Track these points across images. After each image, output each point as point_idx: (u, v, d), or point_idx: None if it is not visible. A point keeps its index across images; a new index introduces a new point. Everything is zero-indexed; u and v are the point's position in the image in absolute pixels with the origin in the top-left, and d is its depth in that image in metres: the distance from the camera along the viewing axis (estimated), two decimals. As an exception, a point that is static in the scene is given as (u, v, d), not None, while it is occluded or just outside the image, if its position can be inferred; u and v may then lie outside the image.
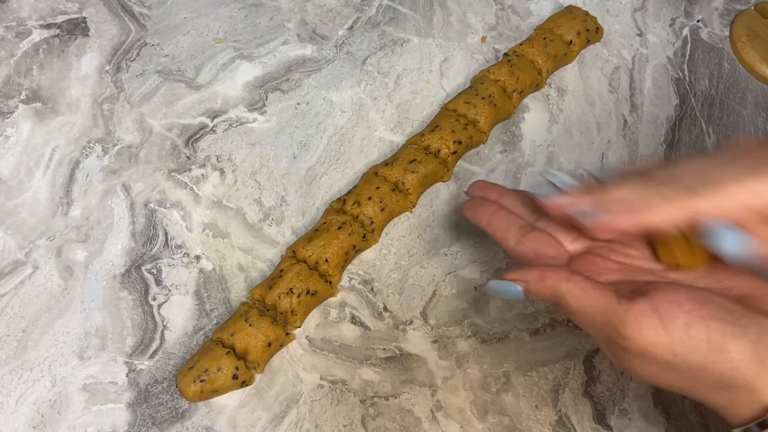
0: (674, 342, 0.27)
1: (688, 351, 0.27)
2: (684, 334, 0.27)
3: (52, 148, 0.47)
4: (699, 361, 0.27)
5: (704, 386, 0.28)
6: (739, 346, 0.27)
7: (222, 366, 0.37)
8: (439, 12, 0.57)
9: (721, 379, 0.27)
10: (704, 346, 0.27)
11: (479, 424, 0.39)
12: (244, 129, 0.49)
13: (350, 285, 0.43)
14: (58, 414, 0.38)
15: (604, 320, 0.29)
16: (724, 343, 0.27)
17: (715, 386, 0.28)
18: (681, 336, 0.27)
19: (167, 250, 0.44)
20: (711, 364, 0.27)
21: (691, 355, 0.27)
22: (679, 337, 0.27)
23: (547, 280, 0.31)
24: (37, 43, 0.52)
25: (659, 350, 0.27)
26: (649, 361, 0.28)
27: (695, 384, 0.28)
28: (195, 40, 0.53)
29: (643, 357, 0.28)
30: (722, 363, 0.27)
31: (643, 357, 0.28)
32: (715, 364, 0.27)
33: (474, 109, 0.48)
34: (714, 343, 0.27)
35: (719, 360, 0.27)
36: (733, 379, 0.27)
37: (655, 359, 0.28)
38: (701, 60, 0.56)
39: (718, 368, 0.27)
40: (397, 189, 0.45)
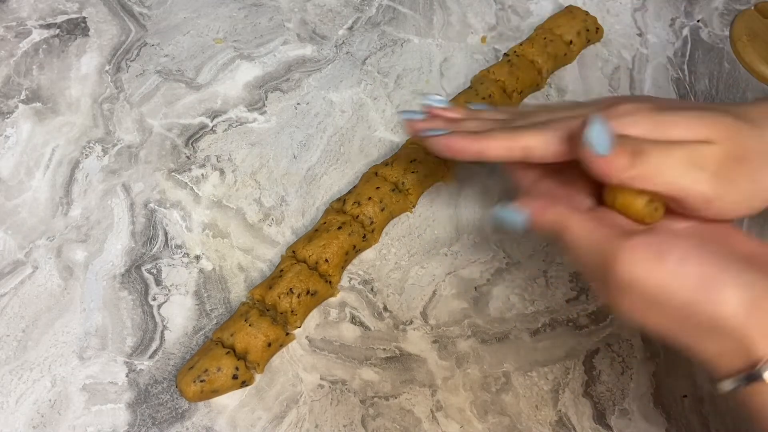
0: (666, 274, 0.26)
1: (679, 286, 0.26)
2: (677, 267, 0.26)
3: (52, 148, 0.47)
4: (688, 298, 0.26)
5: (690, 329, 0.27)
6: (732, 287, 0.26)
7: (222, 366, 0.37)
8: (439, 12, 0.57)
9: (708, 321, 0.26)
10: (695, 282, 0.26)
11: (479, 424, 0.39)
12: (244, 129, 0.49)
13: (350, 285, 0.43)
14: (58, 414, 0.38)
15: (600, 250, 0.28)
16: (716, 282, 0.26)
17: (701, 330, 0.27)
18: (674, 269, 0.26)
19: (167, 250, 0.44)
20: (700, 303, 0.26)
21: (681, 291, 0.26)
22: (672, 269, 0.26)
23: (552, 209, 0.31)
24: (37, 43, 0.52)
25: (650, 283, 0.27)
26: (638, 296, 0.27)
27: (681, 326, 0.27)
28: (195, 40, 0.53)
29: (633, 290, 0.27)
30: (711, 303, 0.26)
31: (633, 290, 0.27)
32: (705, 303, 0.26)
33: (474, 109, 0.48)
34: (706, 280, 0.26)
35: (709, 299, 0.26)
36: (720, 323, 0.26)
37: (644, 294, 0.27)
38: (701, 60, 0.56)
39: (707, 309, 0.26)
40: (397, 189, 0.45)
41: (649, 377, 0.41)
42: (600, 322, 0.43)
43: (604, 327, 0.43)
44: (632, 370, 0.41)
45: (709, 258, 0.27)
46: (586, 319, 0.43)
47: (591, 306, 0.43)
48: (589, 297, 0.44)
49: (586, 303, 0.43)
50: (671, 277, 0.26)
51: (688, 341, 0.28)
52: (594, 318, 0.43)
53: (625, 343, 0.42)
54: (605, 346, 0.42)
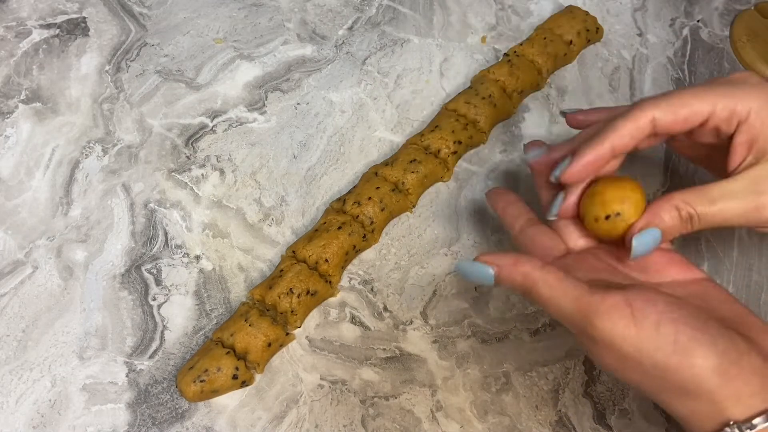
0: (642, 338, 0.27)
1: (654, 349, 0.27)
2: (653, 332, 0.27)
3: (52, 148, 0.47)
4: (663, 361, 0.27)
5: (666, 390, 0.28)
6: (705, 353, 0.26)
7: (222, 366, 0.37)
8: (439, 12, 0.57)
9: (683, 384, 0.27)
10: (670, 347, 0.27)
11: (479, 424, 0.39)
12: (244, 129, 0.49)
13: (350, 285, 0.43)
14: (58, 414, 0.38)
15: (576, 309, 0.29)
16: (691, 347, 0.27)
17: (677, 392, 0.27)
18: (649, 333, 0.27)
19: (167, 250, 0.44)
20: (675, 366, 0.27)
21: (657, 353, 0.27)
22: (647, 333, 0.27)
23: (520, 267, 0.31)
24: (37, 43, 0.52)
25: (627, 344, 0.27)
26: (616, 355, 0.28)
27: (658, 386, 0.28)
28: (195, 40, 0.53)
29: (611, 350, 0.28)
30: (686, 368, 0.27)
31: (611, 350, 0.28)
32: (679, 367, 0.27)
33: (474, 109, 0.48)
34: (680, 345, 0.27)
35: (683, 364, 0.27)
36: (694, 387, 0.27)
37: (621, 353, 0.28)
38: (701, 60, 0.56)
39: (682, 373, 0.27)
40: (397, 189, 0.45)
41: (649, 377, 0.41)
42: (600, 322, 0.43)
43: (604, 327, 0.43)
44: (632, 370, 0.41)
45: (683, 322, 0.27)
46: (586, 319, 0.43)
47: (591, 306, 0.43)
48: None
49: (586, 303, 0.43)
50: (647, 340, 0.27)
51: (663, 399, 0.29)
52: (594, 318, 0.43)
53: (625, 343, 0.42)
54: (605, 346, 0.42)
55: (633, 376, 0.29)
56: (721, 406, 0.26)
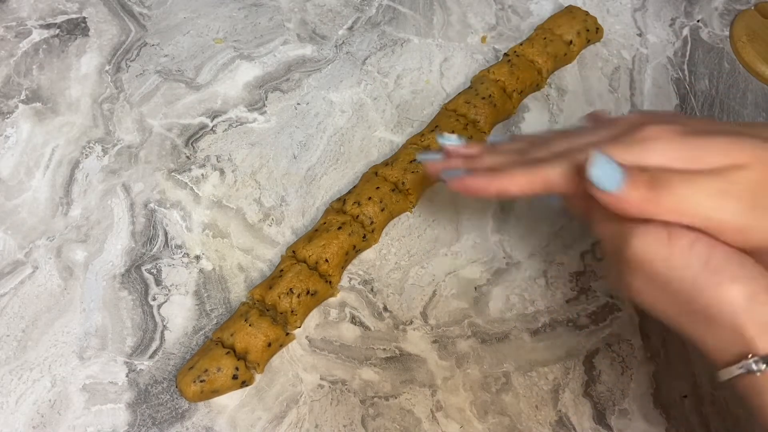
0: (674, 255, 0.27)
1: (684, 267, 0.27)
2: (686, 249, 0.27)
3: (52, 148, 0.47)
4: (692, 280, 0.27)
5: (691, 314, 0.28)
6: (734, 277, 0.26)
7: (222, 366, 0.37)
8: (439, 12, 0.57)
9: (708, 307, 0.27)
10: (701, 266, 0.27)
11: (479, 424, 0.39)
12: (244, 129, 0.49)
13: (350, 285, 0.43)
14: (58, 414, 0.38)
15: (617, 231, 0.29)
16: (720, 268, 0.26)
17: (703, 316, 0.27)
18: (682, 251, 0.27)
19: (167, 250, 0.44)
20: (703, 285, 0.26)
21: (686, 271, 0.27)
22: (680, 250, 0.27)
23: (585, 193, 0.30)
24: (37, 43, 0.52)
25: (658, 263, 0.27)
26: (647, 276, 0.28)
27: (683, 310, 0.28)
28: (195, 40, 0.53)
29: (641, 270, 0.28)
30: (713, 289, 0.26)
31: (641, 270, 0.28)
32: (706, 288, 0.26)
33: (474, 109, 0.48)
34: (711, 265, 0.26)
35: (711, 284, 0.26)
36: (718, 310, 0.26)
37: (651, 273, 0.28)
38: (701, 60, 0.56)
39: (709, 293, 0.26)
40: (397, 189, 0.45)
41: (649, 377, 0.41)
42: (600, 322, 0.43)
43: (604, 327, 0.43)
44: (632, 370, 0.41)
45: (717, 247, 0.27)
46: (586, 319, 0.43)
47: (591, 306, 0.43)
48: (589, 297, 0.44)
49: (586, 303, 0.43)
50: (679, 257, 0.27)
51: (688, 328, 0.28)
52: (594, 318, 0.43)
53: (625, 343, 0.42)
54: (605, 346, 0.42)
55: (659, 300, 0.28)
56: (744, 334, 0.26)
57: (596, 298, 0.44)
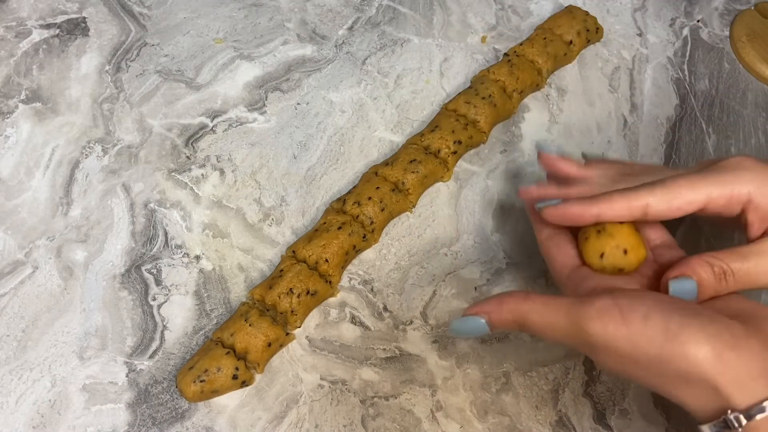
0: (633, 333, 0.27)
1: (647, 342, 0.27)
2: (642, 325, 0.27)
3: (52, 148, 0.47)
4: (657, 352, 0.27)
5: (666, 380, 0.28)
6: (697, 339, 0.26)
7: (222, 366, 0.37)
8: (439, 12, 0.57)
9: (679, 373, 0.27)
10: (662, 337, 0.27)
11: (479, 424, 0.39)
12: (244, 129, 0.49)
13: (350, 285, 0.43)
14: (58, 414, 0.38)
15: (569, 323, 0.29)
16: (682, 334, 0.27)
17: (677, 381, 0.28)
18: (639, 327, 0.27)
19: (167, 250, 0.44)
20: (669, 356, 0.27)
21: (650, 346, 0.27)
22: (637, 328, 0.27)
23: (507, 305, 0.31)
24: (37, 43, 0.52)
25: (620, 343, 0.28)
26: (614, 355, 0.29)
27: (657, 378, 0.28)
28: (195, 40, 0.53)
29: (608, 351, 0.29)
30: (680, 356, 0.27)
31: (608, 351, 0.29)
32: (674, 356, 0.27)
33: (474, 109, 0.48)
34: (671, 333, 0.27)
35: (676, 352, 0.27)
36: (691, 374, 0.27)
37: (617, 352, 0.28)
38: (701, 60, 0.56)
39: (677, 362, 0.27)
40: (397, 189, 0.45)
41: (649, 377, 0.41)
42: (600, 322, 0.43)
43: (604, 327, 0.43)
44: (632, 370, 0.41)
45: (672, 313, 0.27)
46: (586, 319, 0.43)
47: (591, 306, 0.43)
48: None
49: (586, 303, 0.43)
50: (638, 335, 0.27)
51: (665, 391, 0.29)
52: (594, 318, 0.43)
53: (625, 343, 0.42)
54: (605, 346, 0.42)
55: (634, 373, 0.29)
56: (722, 392, 0.26)
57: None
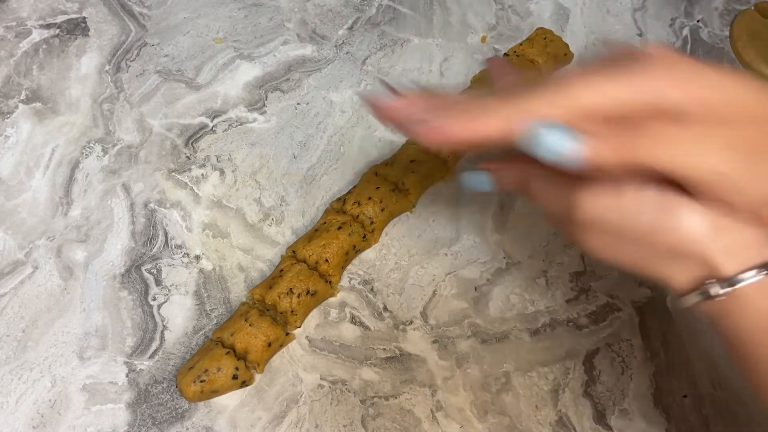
0: (626, 204, 0.26)
1: (638, 213, 0.26)
2: (636, 196, 0.26)
3: (52, 148, 0.47)
4: (650, 224, 0.26)
5: (654, 255, 0.27)
6: (692, 206, 0.25)
7: (222, 366, 0.37)
8: (439, 12, 0.57)
9: (671, 246, 0.26)
10: (655, 208, 0.26)
11: (479, 424, 0.39)
12: (244, 129, 0.49)
13: (350, 285, 0.43)
14: (58, 414, 0.38)
15: (564, 194, 0.28)
16: (676, 206, 0.25)
17: (666, 257, 0.27)
18: (633, 198, 0.26)
19: (167, 250, 0.44)
20: (661, 228, 0.26)
21: (642, 217, 0.26)
22: (631, 199, 0.26)
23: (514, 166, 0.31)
24: (37, 43, 0.52)
25: (611, 216, 0.27)
26: (602, 232, 0.27)
27: (645, 255, 0.27)
28: (195, 40, 0.53)
29: (596, 227, 0.27)
30: (673, 228, 0.26)
31: (596, 227, 0.27)
32: (666, 228, 0.26)
33: (474, 109, 0.48)
34: (665, 205, 0.26)
35: (670, 223, 0.26)
36: (683, 246, 0.26)
37: (607, 228, 0.27)
38: (701, 60, 0.56)
39: (669, 234, 0.26)
40: (397, 189, 0.45)
41: (649, 377, 0.41)
42: (600, 322, 0.43)
43: (604, 327, 0.43)
44: (632, 370, 0.41)
45: (666, 184, 0.26)
46: (586, 319, 0.43)
47: (591, 306, 0.43)
48: (589, 297, 0.44)
49: (586, 303, 0.43)
50: (631, 206, 0.26)
51: (656, 269, 0.28)
52: (594, 318, 0.43)
53: (625, 343, 0.42)
54: (605, 346, 0.42)
55: (621, 252, 0.28)
56: (713, 263, 0.25)
57: (596, 298, 0.43)
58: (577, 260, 0.45)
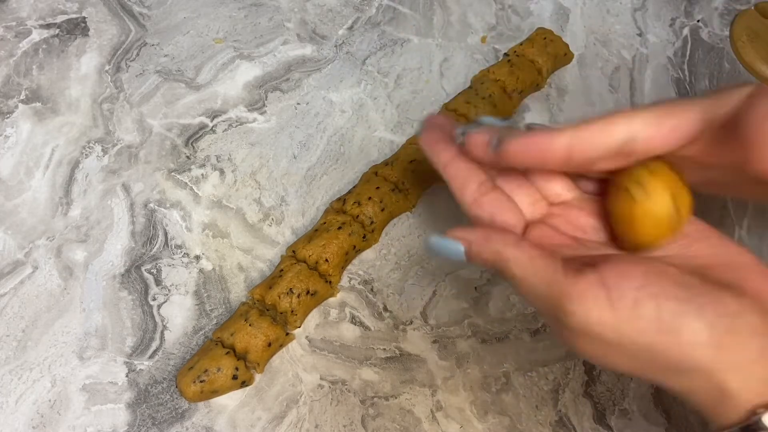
0: (621, 321, 0.24)
1: (637, 332, 0.24)
2: (632, 313, 0.24)
3: (51, 148, 0.47)
4: (648, 343, 0.24)
5: (656, 370, 0.26)
6: (694, 328, 0.24)
7: (222, 366, 0.37)
8: (439, 12, 0.57)
9: (673, 363, 0.25)
10: (654, 327, 0.24)
11: (479, 424, 0.39)
12: (244, 129, 0.49)
13: (350, 285, 0.43)
14: (58, 414, 0.38)
15: (548, 293, 0.26)
16: (677, 324, 0.24)
17: (668, 370, 0.25)
18: (628, 315, 0.24)
19: (167, 250, 0.44)
20: (662, 346, 0.24)
21: (640, 337, 0.24)
22: (626, 316, 0.24)
23: (493, 243, 0.28)
24: (37, 43, 0.52)
25: (605, 330, 0.25)
26: (595, 341, 0.25)
27: (646, 367, 0.26)
28: (195, 40, 0.53)
29: (588, 336, 0.25)
30: (675, 346, 0.24)
31: (588, 336, 0.25)
32: (667, 347, 0.24)
33: (474, 109, 0.48)
34: (665, 324, 0.24)
35: (670, 342, 0.24)
36: (686, 364, 0.24)
37: (600, 339, 0.25)
38: (701, 60, 0.56)
39: (670, 352, 0.24)
40: (397, 189, 0.45)
41: (649, 377, 0.41)
42: (600, 322, 0.43)
43: (604, 327, 0.43)
44: (632, 370, 0.41)
45: (665, 296, 0.24)
46: (586, 319, 0.43)
47: (591, 306, 0.43)
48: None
49: (586, 303, 0.43)
50: (627, 323, 0.24)
51: (655, 380, 0.26)
52: (594, 318, 0.43)
53: (625, 343, 0.42)
54: (605, 346, 0.42)
55: (618, 362, 0.26)
56: (717, 378, 0.24)
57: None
58: (577, 260, 0.45)
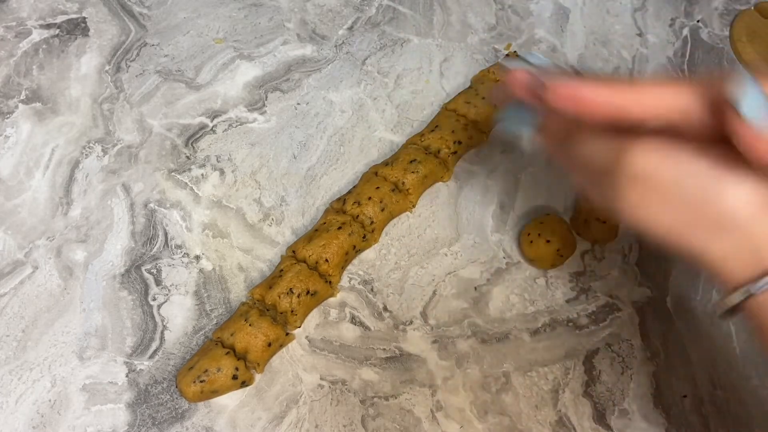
0: (679, 167, 0.26)
1: (692, 178, 0.26)
2: (690, 161, 0.26)
3: (51, 148, 0.47)
4: (699, 192, 0.26)
5: (697, 227, 0.26)
6: (742, 187, 0.25)
7: (222, 366, 0.37)
8: (439, 12, 0.57)
9: (717, 218, 0.26)
10: (707, 177, 0.25)
11: (479, 424, 0.39)
12: (244, 129, 0.49)
13: (350, 285, 0.43)
14: (58, 414, 0.38)
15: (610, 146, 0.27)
16: (728, 179, 0.25)
17: (709, 228, 0.26)
18: (687, 162, 0.26)
19: (167, 250, 0.44)
20: (710, 198, 0.25)
21: (693, 184, 0.26)
22: (685, 162, 0.26)
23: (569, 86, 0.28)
24: (37, 43, 0.52)
25: (662, 174, 0.26)
26: (648, 189, 0.27)
27: (688, 223, 0.26)
28: (195, 40, 0.53)
29: (643, 182, 0.27)
30: (722, 199, 0.25)
31: (643, 182, 0.27)
32: (715, 199, 0.25)
33: (474, 109, 0.48)
34: (718, 176, 0.25)
35: (720, 195, 0.25)
36: (729, 220, 0.25)
37: (654, 186, 0.26)
38: (701, 60, 0.56)
39: (717, 205, 0.25)
40: (397, 189, 0.45)
41: (649, 377, 0.41)
42: (600, 322, 0.43)
43: (604, 327, 0.43)
44: (632, 370, 0.41)
45: (721, 158, 0.26)
46: (586, 319, 0.43)
47: (591, 306, 0.43)
48: (589, 297, 0.44)
49: (586, 303, 0.43)
50: (684, 169, 0.26)
51: (694, 241, 0.27)
52: (594, 318, 0.43)
53: (625, 343, 0.42)
54: (605, 346, 0.42)
55: (662, 215, 0.27)
56: (757, 243, 0.25)
57: (596, 298, 0.43)
58: (577, 260, 0.45)
